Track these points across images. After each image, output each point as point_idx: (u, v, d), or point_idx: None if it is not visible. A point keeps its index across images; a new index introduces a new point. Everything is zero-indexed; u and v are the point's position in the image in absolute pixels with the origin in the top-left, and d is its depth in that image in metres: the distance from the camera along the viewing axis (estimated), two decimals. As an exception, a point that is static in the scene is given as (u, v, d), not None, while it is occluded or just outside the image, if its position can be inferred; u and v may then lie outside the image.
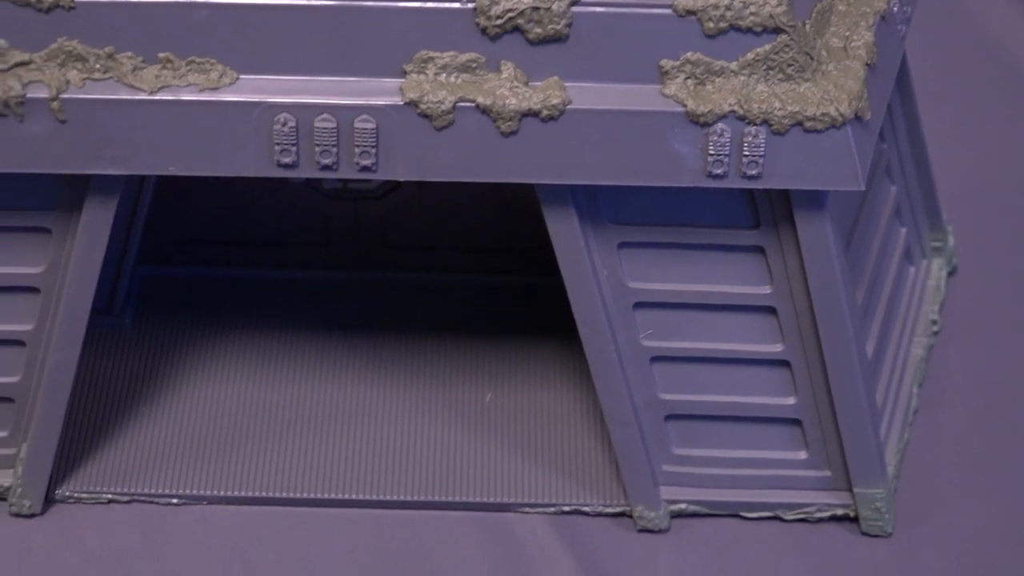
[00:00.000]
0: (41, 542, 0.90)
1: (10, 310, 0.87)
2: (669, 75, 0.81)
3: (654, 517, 0.91)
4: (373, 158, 0.81)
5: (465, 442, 0.94)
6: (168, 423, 0.94)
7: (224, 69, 0.81)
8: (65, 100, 0.80)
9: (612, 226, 0.85)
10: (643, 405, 0.89)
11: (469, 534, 0.91)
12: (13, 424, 0.90)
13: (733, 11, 0.80)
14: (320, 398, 0.95)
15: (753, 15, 0.80)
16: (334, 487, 0.92)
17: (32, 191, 0.84)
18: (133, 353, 0.98)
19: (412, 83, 0.80)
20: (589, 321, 0.86)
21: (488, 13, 0.79)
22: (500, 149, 0.81)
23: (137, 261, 1.00)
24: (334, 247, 1.02)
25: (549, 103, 0.80)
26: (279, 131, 0.80)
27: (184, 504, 0.91)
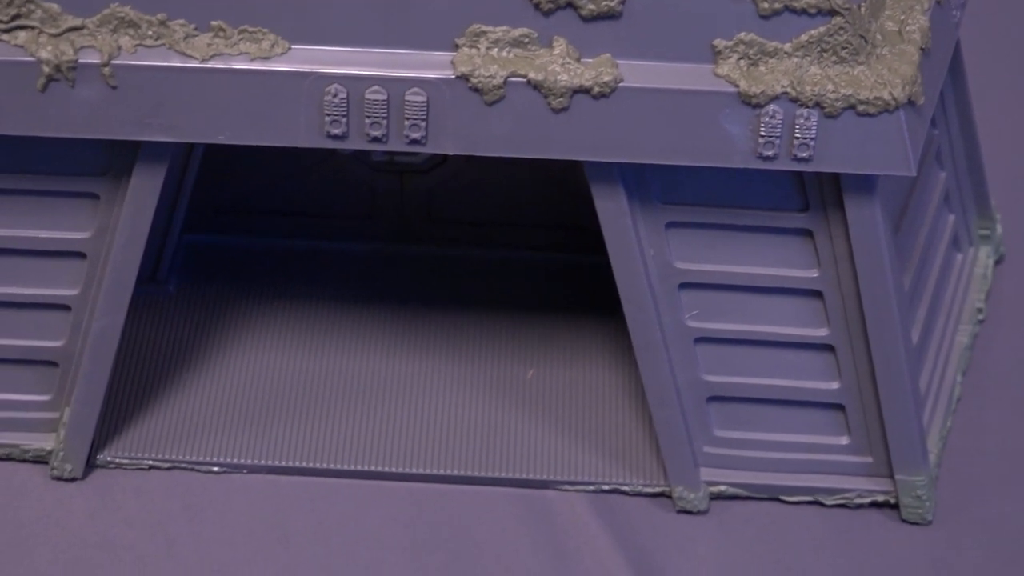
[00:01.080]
0: (81, 506, 0.90)
1: (56, 275, 0.87)
2: (722, 55, 0.80)
3: (693, 498, 0.90)
4: (423, 131, 0.81)
5: (506, 418, 0.94)
6: (210, 391, 0.94)
7: (276, 39, 0.80)
8: (116, 66, 0.80)
9: (660, 205, 0.85)
10: (686, 386, 0.89)
11: (508, 510, 0.91)
12: (57, 388, 0.90)
13: (788, -8, 0.80)
14: (361, 370, 0.95)
15: (808, -4, 0.80)
16: (374, 459, 0.92)
17: (81, 156, 0.84)
18: (177, 321, 0.98)
19: (464, 57, 0.80)
20: (634, 300, 0.86)
21: (542, -12, 0.79)
22: (550, 125, 0.81)
23: (183, 229, 1.00)
24: (379, 219, 1.02)
25: (601, 80, 0.80)
26: (329, 102, 0.80)
27: (224, 472, 0.92)
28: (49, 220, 0.86)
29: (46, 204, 0.86)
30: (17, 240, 0.86)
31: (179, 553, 0.88)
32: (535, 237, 1.02)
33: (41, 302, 0.88)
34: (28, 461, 0.92)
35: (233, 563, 0.88)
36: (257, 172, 1.01)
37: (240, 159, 1.00)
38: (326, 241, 1.01)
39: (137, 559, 0.88)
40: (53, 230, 0.86)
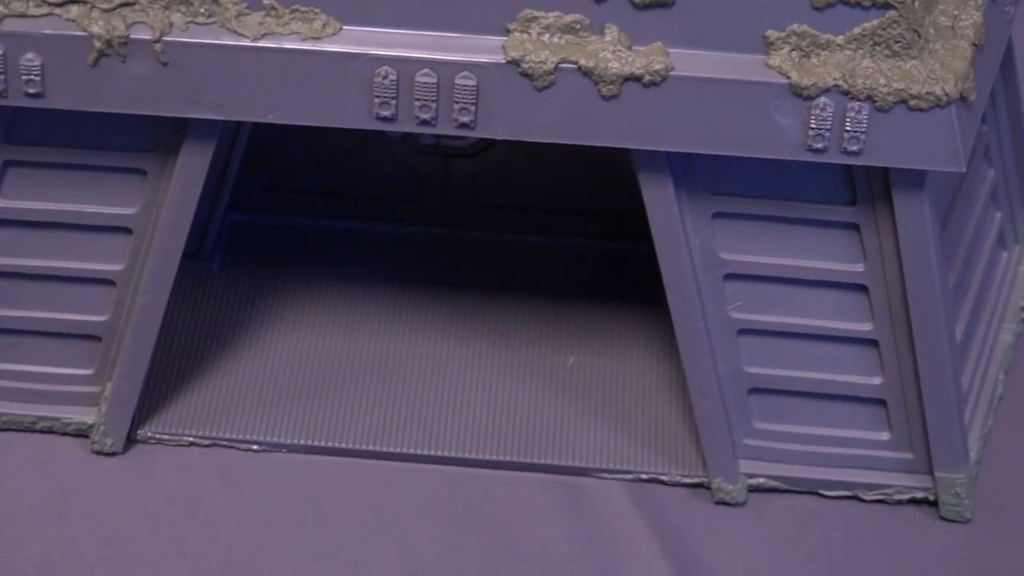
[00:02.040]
0: (121, 481, 0.91)
1: (102, 249, 0.88)
2: (774, 46, 0.80)
3: (732, 490, 0.90)
4: (472, 115, 0.81)
5: (546, 405, 0.94)
6: (252, 370, 0.94)
7: (328, 19, 0.80)
8: (168, 43, 0.80)
9: (707, 195, 0.84)
10: (727, 377, 0.89)
11: (545, 497, 0.91)
12: (99, 363, 0.91)
13: (842, -16, 0.79)
14: (402, 353, 0.96)
15: (863, -11, 0.79)
16: (413, 442, 0.92)
17: (130, 132, 0.85)
18: (220, 298, 0.98)
19: (515, 42, 0.80)
20: (679, 290, 0.86)
21: (595, -25, 0.79)
22: (600, 112, 0.81)
23: (228, 207, 1.00)
24: (424, 203, 1.02)
25: (652, 68, 0.80)
26: (380, 84, 0.80)
27: (264, 451, 0.92)
28: (96, 195, 0.86)
29: (94, 179, 0.86)
30: (64, 214, 0.87)
31: (217, 529, 0.89)
32: (579, 224, 1.01)
33: (86, 276, 0.88)
34: (69, 435, 0.92)
35: (270, 541, 0.88)
36: (303, 152, 1.01)
37: (287, 138, 1.00)
38: (370, 223, 1.02)
39: (175, 535, 0.88)
40: (100, 205, 0.87)
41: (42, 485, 0.90)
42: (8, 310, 0.89)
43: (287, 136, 0.98)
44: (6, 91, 0.81)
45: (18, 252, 0.88)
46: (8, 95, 0.81)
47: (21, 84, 0.81)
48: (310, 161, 1.01)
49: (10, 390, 0.91)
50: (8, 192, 0.86)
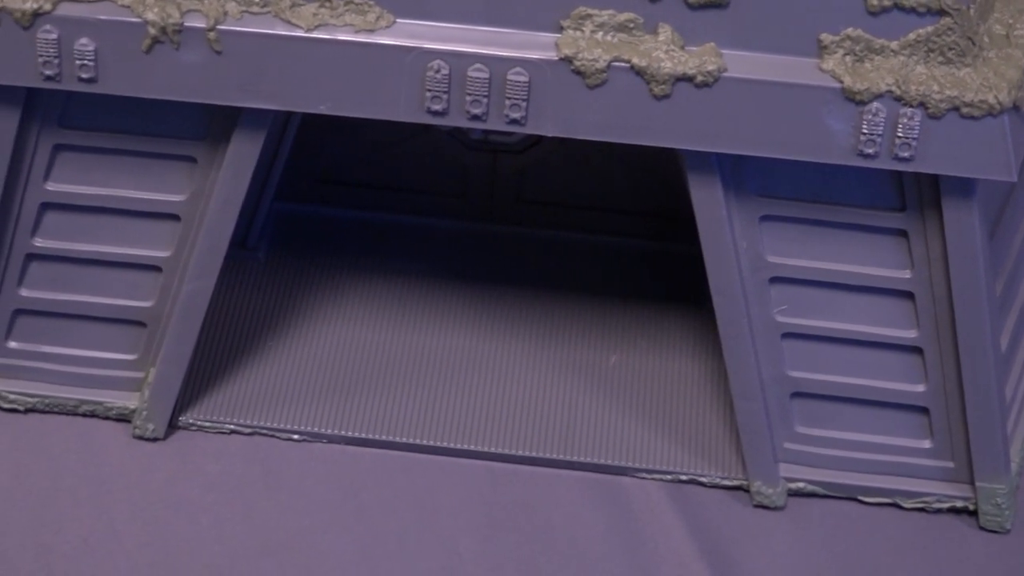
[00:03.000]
0: (161, 466, 0.91)
1: (150, 235, 0.88)
2: (828, 50, 0.80)
3: (771, 493, 0.90)
4: (523, 111, 0.81)
5: (586, 402, 0.94)
6: (294, 359, 0.95)
7: (381, 12, 0.81)
8: (222, 31, 0.81)
9: (756, 198, 0.84)
10: (770, 380, 0.89)
11: (584, 494, 0.91)
12: (143, 348, 0.91)
13: (898, -11, 0.79)
14: (444, 347, 0.96)
15: (918, -5, 0.79)
16: (452, 436, 0.92)
17: (181, 120, 0.85)
18: (264, 287, 0.98)
19: (568, 39, 0.80)
20: (724, 292, 0.86)
21: (650, -26, 0.79)
22: (651, 112, 0.81)
23: (275, 197, 1.01)
24: (470, 198, 1.02)
25: (704, 69, 0.80)
26: (432, 78, 0.80)
27: (304, 441, 0.92)
28: (146, 181, 0.87)
29: (144, 165, 0.86)
30: (113, 199, 0.87)
31: (256, 518, 0.89)
32: (624, 223, 1.01)
33: (133, 262, 0.89)
34: (111, 419, 0.92)
35: (308, 531, 0.88)
36: (351, 144, 1.01)
37: (335, 130, 1.00)
38: (415, 216, 1.02)
39: (214, 522, 0.89)
40: (149, 191, 0.87)
41: (83, 469, 0.90)
42: (55, 293, 0.90)
43: (335, 128, 0.99)
44: (60, 75, 0.82)
45: (66, 236, 0.88)
46: (62, 79, 0.82)
47: (75, 69, 0.81)
48: (357, 153, 1.01)
49: (54, 373, 0.92)
50: (58, 176, 0.87)
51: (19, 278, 0.89)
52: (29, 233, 0.88)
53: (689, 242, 0.99)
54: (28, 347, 0.91)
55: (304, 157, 1.01)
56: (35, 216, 0.88)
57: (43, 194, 0.87)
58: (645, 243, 1.01)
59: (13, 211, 0.87)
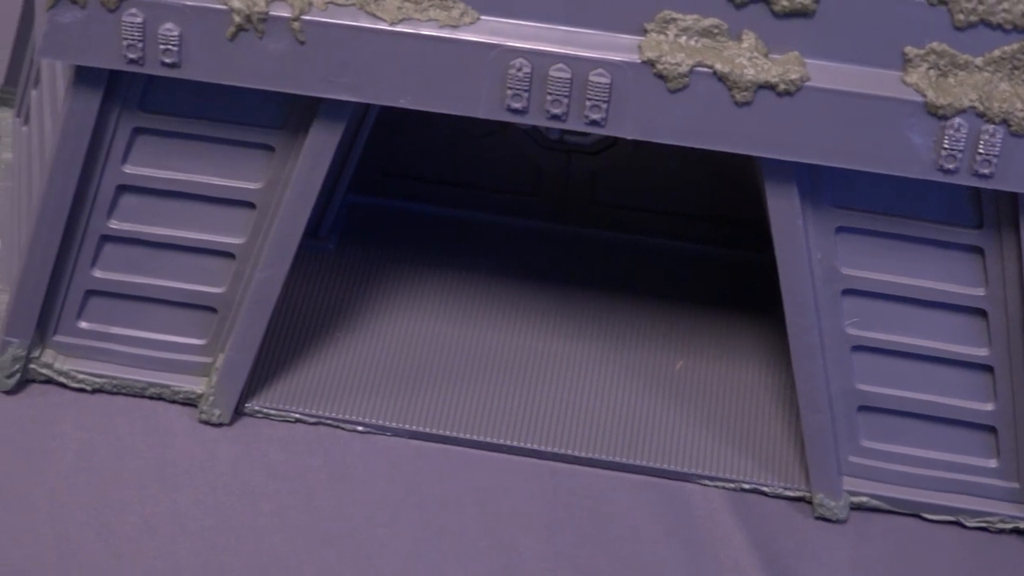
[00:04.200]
0: (226, 452, 0.91)
1: (225, 222, 0.88)
2: (912, 63, 0.79)
3: (834, 506, 0.90)
4: (603, 113, 0.81)
5: (651, 407, 0.93)
6: (361, 351, 0.95)
7: (466, 8, 0.81)
8: (307, 21, 0.81)
9: (832, 209, 0.84)
10: (838, 393, 0.88)
11: (645, 499, 0.91)
12: (213, 334, 0.92)
13: (985, 6, 0.78)
14: (511, 345, 0.96)
15: (1005, 12, 0.78)
16: (516, 435, 0.92)
17: (260, 108, 0.85)
18: (334, 278, 0.99)
19: (651, 42, 0.80)
20: (797, 302, 0.85)
21: (737, -20, 0.79)
22: (731, 118, 0.80)
23: (348, 189, 1.01)
24: (542, 197, 1.02)
25: (787, 77, 0.79)
26: (513, 76, 0.80)
27: (368, 433, 0.92)
28: (223, 168, 0.87)
29: (221, 152, 0.87)
30: (190, 184, 0.88)
31: (317, 507, 0.89)
32: (696, 229, 1.01)
33: (207, 248, 0.89)
34: (178, 403, 0.93)
35: (369, 523, 0.89)
36: (426, 139, 1.01)
37: (411, 124, 1.00)
38: (488, 214, 1.02)
39: (276, 509, 0.89)
40: (226, 178, 0.87)
41: (148, 451, 0.91)
42: (127, 276, 0.90)
43: (412, 122, 0.99)
44: (143, 59, 0.82)
45: (141, 219, 0.89)
46: (145, 63, 0.82)
47: (158, 53, 0.82)
48: (432, 148, 1.02)
49: (123, 355, 0.92)
50: (136, 159, 0.87)
51: (93, 259, 0.90)
52: (105, 215, 0.89)
53: (761, 250, 0.99)
54: (99, 328, 0.92)
55: (379, 150, 1.01)
56: (111, 198, 0.88)
57: (120, 176, 0.88)
58: (716, 249, 1.01)
59: (90, 192, 0.88)
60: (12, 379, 0.92)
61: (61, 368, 0.92)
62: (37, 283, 0.90)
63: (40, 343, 0.92)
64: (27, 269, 0.89)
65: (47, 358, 0.92)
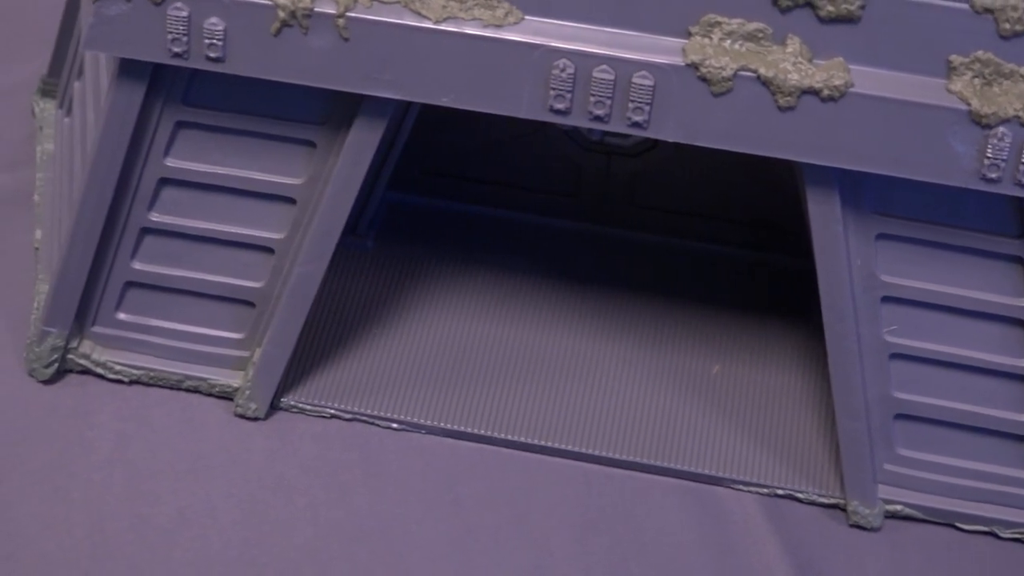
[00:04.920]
0: (260, 446, 0.92)
1: (265, 217, 0.89)
2: (957, 71, 0.79)
3: (868, 514, 0.89)
4: (646, 115, 0.81)
5: (686, 410, 0.93)
6: (397, 349, 0.95)
7: (510, 8, 0.81)
8: (351, 18, 0.81)
9: (873, 215, 0.84)
10: (875, 400, 0.88)
11: (678, 502, 0.90)
12: (250, 328, 0.92)
13: (1031, 14, 0.78)
14: (547, 345, 0.96)
15: (1052, 21, 0.78)
16: (551, 435, 0.92)
17: (303, 104, 0.85)
18: (372, 276, 0.99)
19: (696, 45, 0.80)
20: (835, 308, 0.85)
21: (783, -15, 0.79)
22: (774, 123, 0.80)
23: (387, 186, 1.01)
24: (581, 198, 1.02)
25: (831, 83, 0.79)
26: (556, 76, 0.80)
27: (403, 430, 0.93)
28: (264, 163, 0.87)
29: (263, 147, 0.87)
30: (230, 179, 0.88)
31: (351, 503, 0.89)
32: (735, 233, 1.01)
33: (247, 242, 0.89)
34: (214, 396, 0.93)
35: (402, 520, 0.89)
36: (466, 138, 1.01)
37: (451, 123, 1.00)
38: (527, 214, 1.02)
39: (309, 504, 0.89)
40: (267, 173, 0.88)
41: (183, 443, 0.91)
42: (167, 268, 0.91)
43: (452, 121, 0.99)
44: (187, 53, 0.82)
45: (181, 212, 0.89)
46: (189, 57, 0.83)
47: (203, 47, 0.82)
48: (472, 147, 1.02)
49: (161, 347, 0.93)
50: (178, 152, 0.88)
51: (133, 251, 0.90)
52: (146, 207, 0.89)
53: (800, 255, 0.99)
54: (137, 319, 0.92)
55: (419, 148, 1.01)
56: (153, 191, 0.88)
57: (162, 169, 0.88)
58: (755, 254, 1.01)
59: (132, 184, 0.88)
60: (50, 369, 0.92)
61: (99, 359, 0.93)
62: (77, 274, 0.90)
63: (78, 334, 0.93)
64: (67, 260, 0.90)
65: (85, 349, 0.93)
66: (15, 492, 0.88)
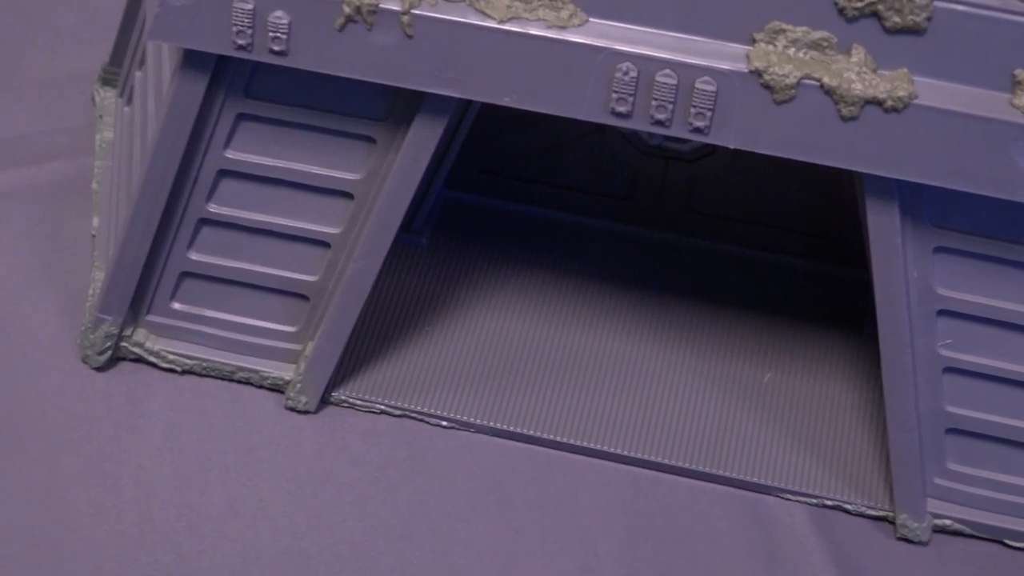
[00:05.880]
0: (310, 439, 0.92)
1: (322, 211, 0.89)
2: (1021, 85, 0.79)
3: (917, 528, 0.89)
4: (707, 121, 0.81)
5: (736, 418, 0.93)
6: (448, 346, 0.95)
7: (575, 9, 0.81)
8: (416, 16, 0.81)
9: (932, 228, 0.83)
10: (927, 414, 0.87)
11: (726, 509, 0.90)
12: (304, 321, 0.92)
13: (1099, 30, 0.78)
14: (598, 347, 0.96)
15: (1119, 38, 0.78)
16: (600, 438, 0.92)
17: (364, 99, 0.85)
18: (426, 273, 0.99)
19: (760, 52, 0.80)
20: (890, 320, 0.85)
21: (849, -6, 0.78)
22: (836, 133, 0.80)
23: (444, 184, 1.01)
24: (637, 203, 1.01)
25: (895, 94, 0.79)
26: (619, 79, 0.80)
27: (452, 428, 0.93)
28: (323, 157, 0.88)
29: (323, 141, 0.87)
30: (290, 172, 0.88)
31: (398, 499, 0.89)
32: (791, 241, 1.01)
33: (303, 236, 0.90)
34: (265, 388, 0.94)
35: (449, 518, 0.89)
36: (524, 138, 1.01)
37: (510, 123, 1.00)
38: (581, 216, 1.02)
39: (357, 499, 0.89)
40: (326, 168, 0.88)
41: (233, 434, 0.92)
42: (223, 260, 0.91)
43: (511, 120, 0.99)
44: (251, 46, 0.83)
45: (240, 204, 0.89)
46: (253, 50, 0.83)
47: (267, 41, 0.82)
48: (529, 148, 1.02)
49: (214, 337, 0.93)
50: (238, 145, 0.88)
51: (190, 241, 0.91)
52: (204, 198, 0.89)
53: (855, 266, 0.98)
54: (191, 310, 0.93)
55: (476, 147, 1.01)
56: (212, 182, 0.89)
57: (222, 161, 0.88)
58: (810, 263, 1.00)
59: (191, 175, 0.89)
60: (103, 356, 0.93)
61: (152, 348, 0.93)
62: (133, 262, 0.91)
63: (133, 322, 0.93)
64: (124, 248, 0.90)
65: (139, 337, 0.93)
66: (67, 477, 0.89)
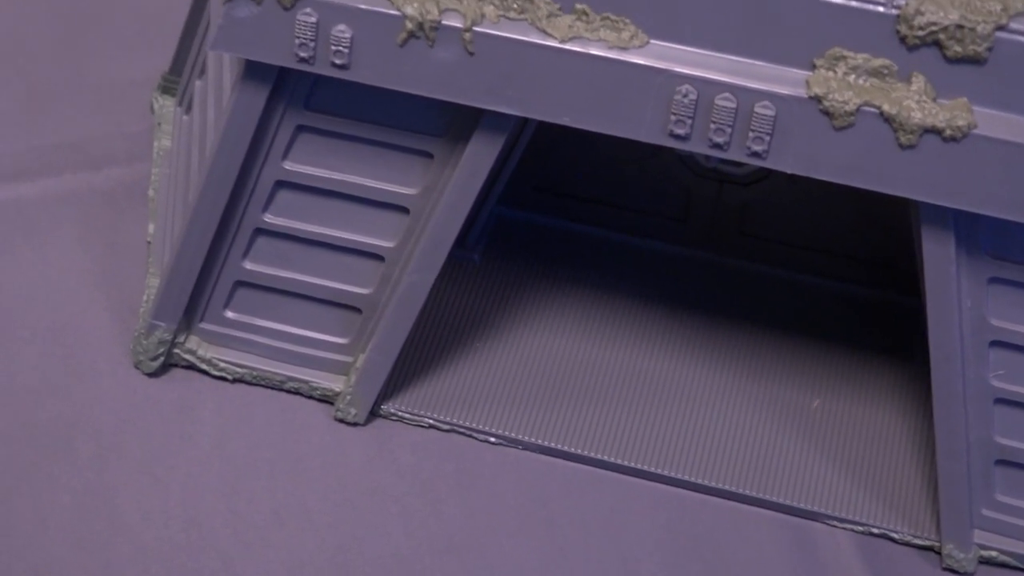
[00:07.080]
0: (358, 451, 0.92)
1: (377, 225, 0.89)
2: (1082, 118, 0.79)
3: (962, 559, 0.89)
4: (765, 145, 0.81)
5: (783, 442, 0.93)
6: (499, 363, 0.95)
7: (636, 31, 0.81)
8: (478, 33, 0.82)
9: (988, 259, 0.83)
10: (976, 444, 0.87)
11: (771, 534, 0.90)
12: (356, 334, 0.93)
13: None
14: (648, 368, 0.96)
15: None
16: (647, 458, 0.92)
17: (423, 115, 0.86)
18: (478, 289, 0.99)
19: (820, 78, 0.80)
20: (943, 349, 0.85)
21: (911, 22, 0.78)
22: (894, 160, 0.80)
23: (498, 201, 1.02)
24: (690, 225, 1.02)
25: (954, 123, 0.79)
26: (679, 102, 0.81)
27: (500, 444, 0.93)
28: (380, 171, 0.88)
29: (380, 155, 0.88)
30: (346, 185, 0.89)
31: (444, 513, 0.90)
32: (843, 267, 1.01)
33: (358, 248, 0.90)
34: (314, 399, 0.94)
35: (494, 534, 0.89)
36: (580, 157, 1.02)
37: (566, 142, 1.01)
38: (634, 236, 1.02)
39: (403, 512, 0.90)
40: (383, 181, 0.88)
41: (282, 444, 0.92)
42: (277, 270, 0.92)
43: (567, 139, 0.99)
44: (313, 59, 0.83)
45: (296, 215, 0.90)
46: (315, 63, 0.83)
47: (329, 54, 0.83)
48: (584, 167, 1.02)
49: (266, 347, 0.93)
50: (297, 156, 0.88)
51: (245, 251, 0.91)
52: (261, 208, 0.90)
53: (908, 293, 0.98)
54: (244, 319, 0.93)
55: (531, 165, 1.02)
56: (269, 192, 0.89)
57: (280, 172, 0.89)
58: (862, 290, 1.00)
59: (249, 185, 0.89)
60: (156, 362, 0.94)
61: (204, 355, 0.94)
62: (189, 270, 0.91)
63: (186, 329, 0.94)
64: (180, 256, 0.91)
65: (191, 344, 0.94)
66: (116, 482, 0.89)
